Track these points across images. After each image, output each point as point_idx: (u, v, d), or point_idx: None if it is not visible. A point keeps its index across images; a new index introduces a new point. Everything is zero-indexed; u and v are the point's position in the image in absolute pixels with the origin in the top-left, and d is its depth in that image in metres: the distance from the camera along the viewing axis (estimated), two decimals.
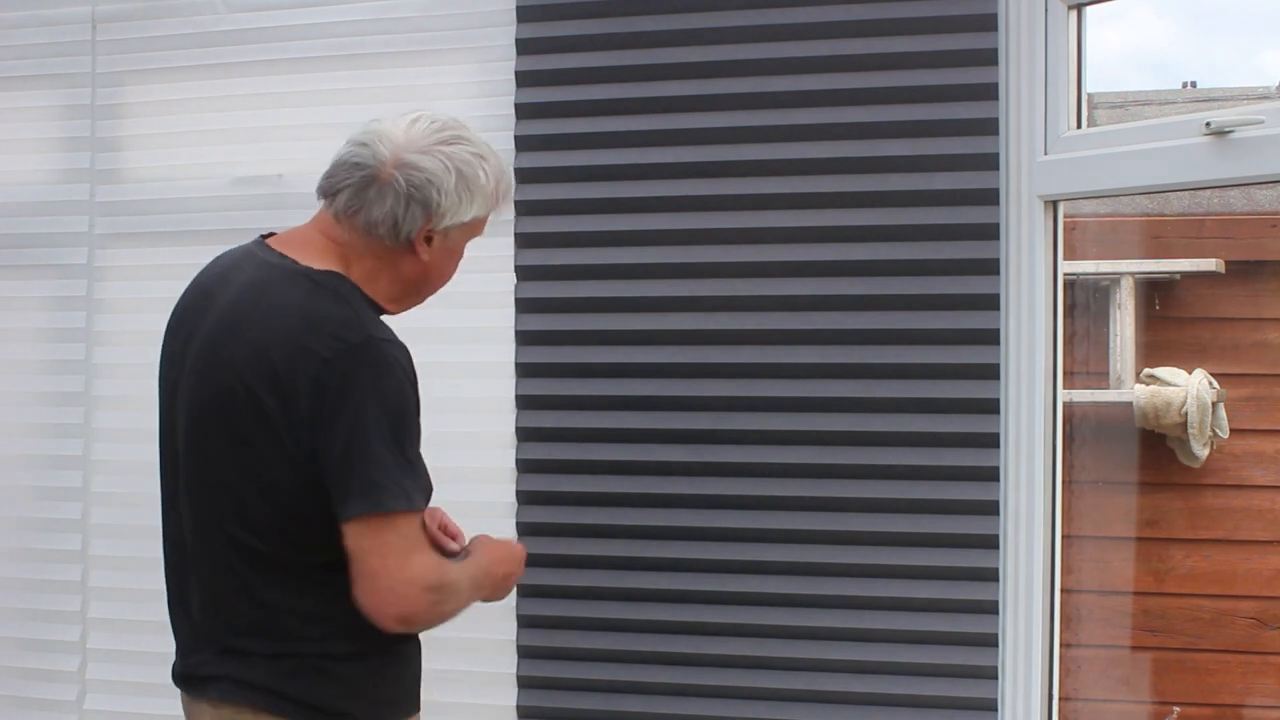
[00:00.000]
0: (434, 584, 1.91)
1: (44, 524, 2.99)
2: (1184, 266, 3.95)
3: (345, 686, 1.99)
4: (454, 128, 2.02)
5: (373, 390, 1.87)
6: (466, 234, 2.06)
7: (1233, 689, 3.85)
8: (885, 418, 2.56)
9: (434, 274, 2.07)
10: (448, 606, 1.96)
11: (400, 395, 1.90)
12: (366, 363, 1.88)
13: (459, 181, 1.98)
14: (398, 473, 1.87)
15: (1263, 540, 3.85)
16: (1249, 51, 5.25)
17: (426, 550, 1.93)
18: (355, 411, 1.86)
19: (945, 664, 2.52)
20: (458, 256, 2.09)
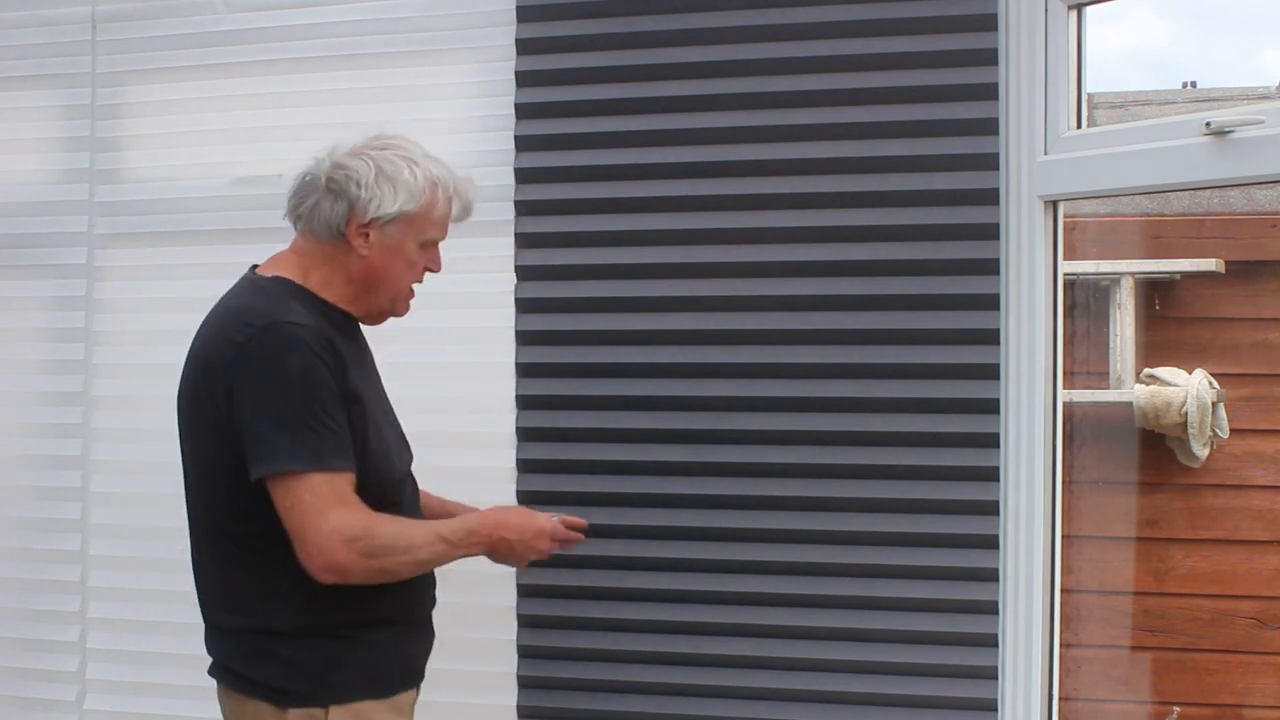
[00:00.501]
0: (355, 535, 2.04)
1: (43, 524, 2.99)
2: (1184, 266, 3.95)
3: (289, 667, 2.12)
4: (392, 138, 2.22)
5: (277, 365, 2.06)
6: (407, 232, 2.19)
7: (1233, 689, 3.85)
8: (885, 418, 2.56)
9: (380, 272, 2.20)
10: (388, 561, 2.09)
11: (304, 367, 2.06)
12: (270, 342, 2.07)
13: (378, 175, 2.16)
14: (304, 435, 2.04)
15: (1263, 540, 3.85)
16: (1249, 51, 5.25)
17: (348, 506, 2.06)
18: (260, 384, 2.06)
19: (945, 664, 2.52)
20: (404, 257, 2.20)
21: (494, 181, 2.73)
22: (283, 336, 2.08)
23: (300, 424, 2.04)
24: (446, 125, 2.80)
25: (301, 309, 2.13)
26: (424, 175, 2.18)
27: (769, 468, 2.60)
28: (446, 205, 2.23)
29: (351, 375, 2.13)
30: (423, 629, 2.28)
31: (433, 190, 2.20)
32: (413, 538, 2.13)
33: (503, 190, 2.73)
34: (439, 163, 2.23)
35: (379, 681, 2.17)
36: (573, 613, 2.68)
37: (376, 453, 2.15)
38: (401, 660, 2.21)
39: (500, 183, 2.73)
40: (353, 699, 2.13)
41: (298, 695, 2.12)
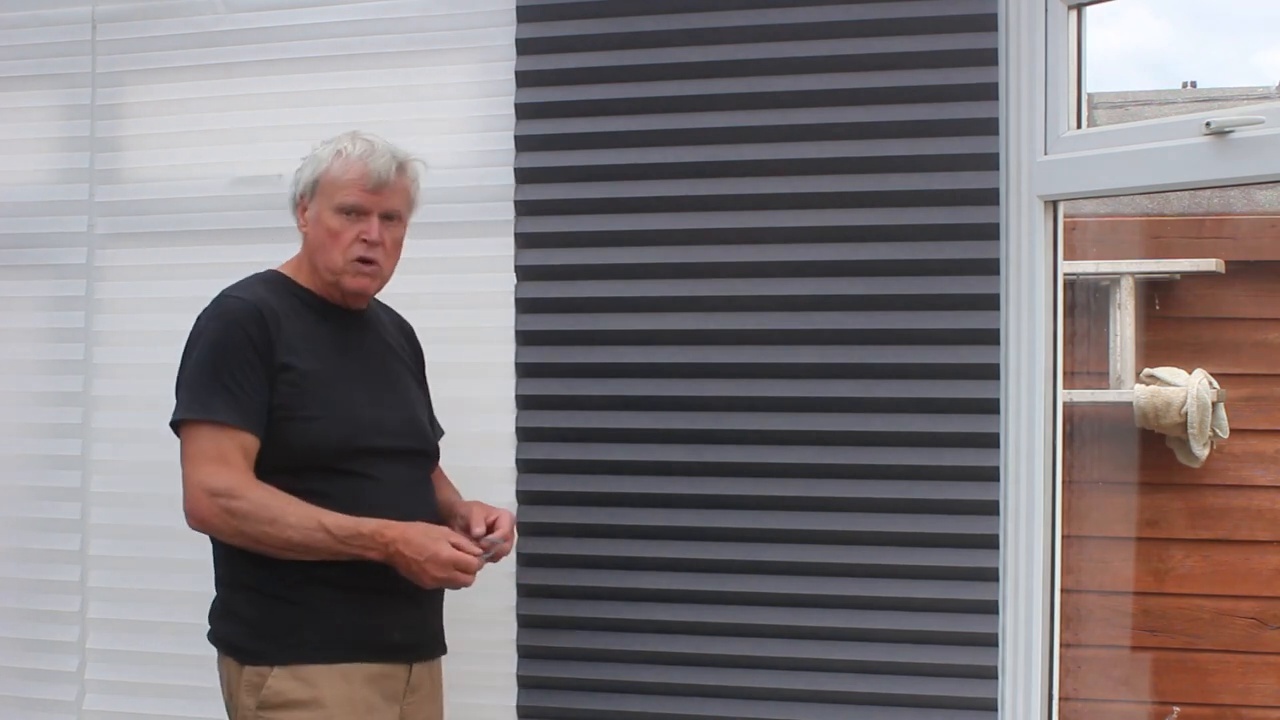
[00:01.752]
0: (217, 491, 2.19)
1: (43, 524, 2.98)
2: (1184, 266, 3.96)
3: (245, 625, 2.26)
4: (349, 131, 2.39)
5: (200, 331, 2.29)
6: (321, 202, 2.34)
7: (1233, 689, 3.85)
8: (885, 418, 2.56)
9: (313, 245, 2.37)
10: (250, 526, 2.19)
11: (225, 332, 2.25)
12: (210, 309, 2.31)
13: (305, 160, 2.39)
14: (202, 392, 2.23)
15: (1263, 540, 3.86)
16: (1248, 51, 5.26)
17: (225, 463, 2.20)
18: (189, 347, 2.30)
19: (946, 664, 2.51)
20: (324, 227, 2.34)
21: (494, 181, 2.73)
22: (215, 308, 2.30)
23: (202, 382, 2.24)
24: (446, 125, 2.80)
25: (261, 290, 2.32)
26: (330, 149, 2.35)
27: (769, 468, 2.60)
28: (344, 167, 2.33)
29: (290, 348, 2.27)
30: (388, 601, 2.28)
31: (333, 157, 2.34)
32: (282, 513, 2.20)
33: (503, 190, 2.73)
34: (366, 141, 2.35)
35: (326, 647, 2.24)
36: (573, 613, 2.68)
37: (320, 419, 2.27)
38: (355, 628, 2.26)
39: (500, 183, 2.73)
40: (296, 661, 2.23)
41: (250, 652, 2.25)
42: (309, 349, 2.29)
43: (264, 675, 2.22)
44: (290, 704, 2.21)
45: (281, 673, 2.22)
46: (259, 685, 2.22)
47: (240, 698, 2.24)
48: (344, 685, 2.24)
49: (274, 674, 2.22)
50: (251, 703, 2.22)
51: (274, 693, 2.21)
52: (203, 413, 2.22)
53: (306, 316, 2.33)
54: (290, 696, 2.21)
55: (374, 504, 2.25)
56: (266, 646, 2.24)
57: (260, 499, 2.19)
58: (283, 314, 2.29)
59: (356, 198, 2.32)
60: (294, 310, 2.31)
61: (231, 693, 2.28)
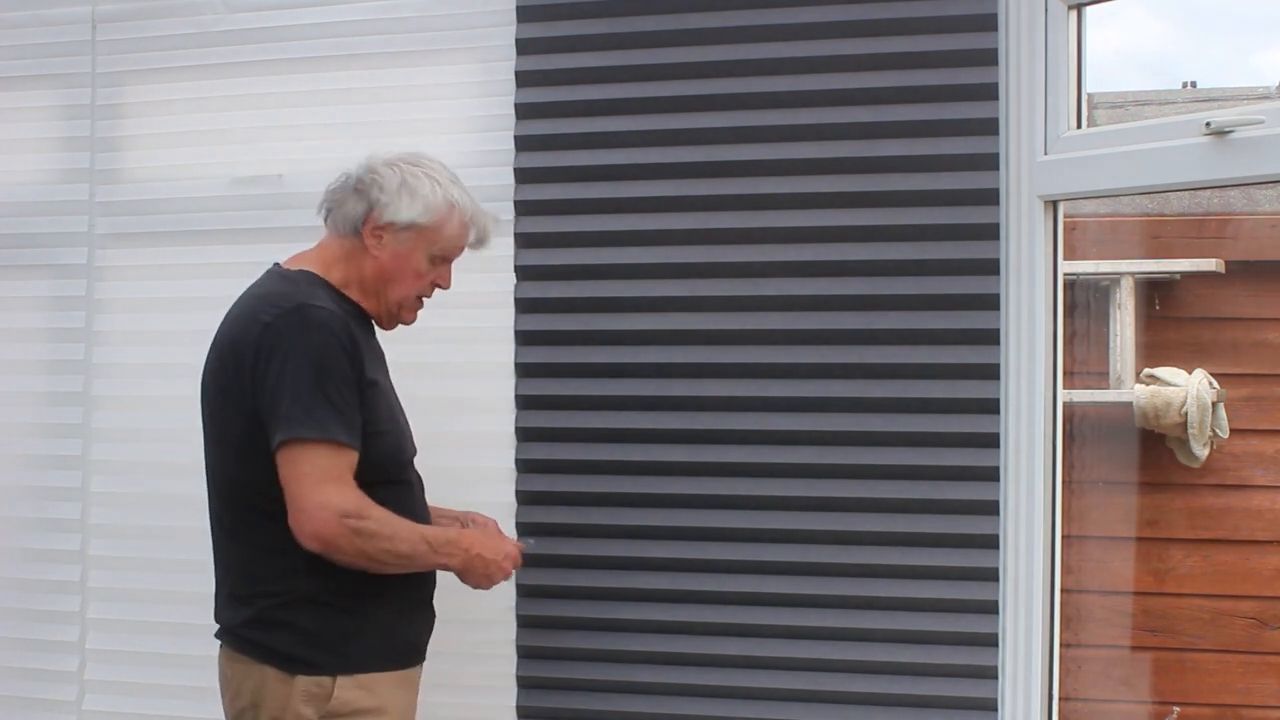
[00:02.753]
0: (347, 511, 2.15)
1: (43, 524, 2.99)
2: (1184, 266, 3.95)
3: (303, 635, 2.22)
4: (428, 159, 2.38)
5: (299, 342, 2.19)
6: (418, 242, 2.33)
7: (1233, 689, 3.85)
8: (885, 418, 2.56)
9: (388, 274, 2.34)
10: (372, 544, 2.18)
11: (324, 346, 2.19)
12: (295, 322, 2.21)
13: (401, 185, 2.32)
14: (316, 409, 2.17)
15: (1263, 540, 3.85)
16: (1248, 51, 5.26)
17: (345, 483, 2.18)
18: (283, 359, 2.18)
19: (945, 664, 2.51)
20: (412, 266, 2.34)
21: (494, 181, 2.73)
22: (306, 317, 2.21)
23: (313, 399, 2.17)
24: (446, 125, 2.80)
25: (325, 297, 2.28)
26: (444, 195, 2.33)
27: (769, 468, 2.60)
28: (460, 228, 2.36)
29: (368, 362, 2.26)
30: (426, 608, 2.39)
31: (449, 210, 2.34)
32: (398, 528, 2.23)
33: (503, 190, 2.73)
34: (463, 190, 2.37)
35: (386, 654, 2.27)
36: (572, 613, 2.68)
37: (389, 434, 2.28)
38: (407, 636, 2.33)
39: (500, 183, 2.73)
40: (361, 670, 2.24)
41: (307, 663, 2.22)
42: (370, 361, 2.29)
43: (325, 685, 2.21)
44: (357, 713, 2.22)
45: (346, 681, 2.22)
46: (320, 695, 2.21)
47: (296, 708, 2.20)
48: (400, 692, 2.29)
49: (339, 683, 2.21)
50: (312, 713, 2.20)
51: (341, 702, 2.21)
52: (322, 433, 2.16)
53: (359, 328, 2.32)
54: (357, 705, 2.22)
55: (412, 510, 2.32)
56: (327, 657, 2.22)
57: (383, 516, 2.20)
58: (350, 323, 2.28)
59: (455, 252, 2.39)
60: (352, 321, 2.30)
61: (264, 702, 2.23)
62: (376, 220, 2.31)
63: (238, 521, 2.28)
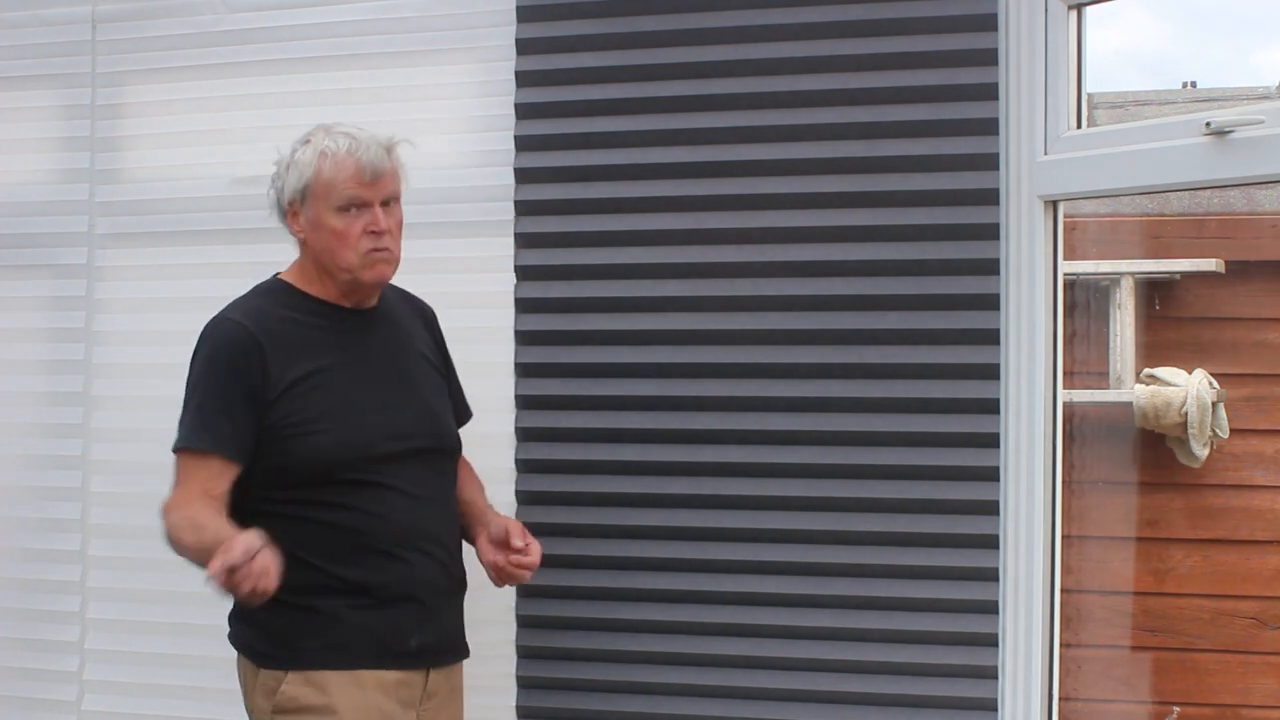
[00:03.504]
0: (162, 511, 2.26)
1: (43, 524, 2.99)
2: (1184, 266, 3.95)
3: (260, 629, 2.28)
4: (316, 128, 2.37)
5: (196, 354, 2.32)
6: (317, 205, 2.32)
7: (1233, 689, 3.85)
8: (885, 418, 2.56)
9: (317, 249, 2.34)
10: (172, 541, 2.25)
11: (208, 357, 2.29)
12: (204, 335, 2.33)
13: (287, 165, 2.36)
14: (187, 418, 2.29)
15: (1263, 540, 3.85)
16: (1248, 51, 5.26)
17: (183, 486, 2.27)
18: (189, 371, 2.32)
19: (945, 664, 2.51)
20: (327, 229, 2.31)
21: (494, 181, 2.73)
22: (210, 330, 2.32)
23: (188, 409, 2.30)
24: (446, 125, 2.80)
25: (262, 305, 2.34)
26: (313, 150, 2.32)
27: (769, 468, 2.60)
28: (335, 168, 2.30)
29: (290, 365, 2.27)
30: (401, 607, 2.29)
31: (320, 159, 2.31)
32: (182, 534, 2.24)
33: (503, 190, 2.73)
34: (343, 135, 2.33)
35: (339, 652, 2.25)
36: (572, 613, 2.68)
37: (326, 432, 2.27)
38: (370, 636, 2.26)
39: (500, 183, 2.73)
40: (310, 666, 2.24)
41: (266, 656, 2.28)
42: (312, 361, 2.29)
43: (278, 679, 2.24)
44: (303, 709, 2.22)
45: (295, 678, 2.23)
46: (274, 689, 2.24)
47: (256, 700, 2.27)
48: (357, 692, 2.24)
49: (288, 679, 2.23)
50: (267, 706, 2.24)
51: (287, 698, 2.23)
52: (183, 441, 2.29)
53: (310, 327, 2.32)
54: (303, 702, 2.22)
55: (394, 512, 2.28)
56: (280, 651, 2.26)
57: (170, 521, 2.25)
58: (281, 329, 2.29)
59: (355, 191, 2.30)
60: (295, 322, 2.31)
61: (247, 694, 2.30)
62: (284, 207, 2.35)
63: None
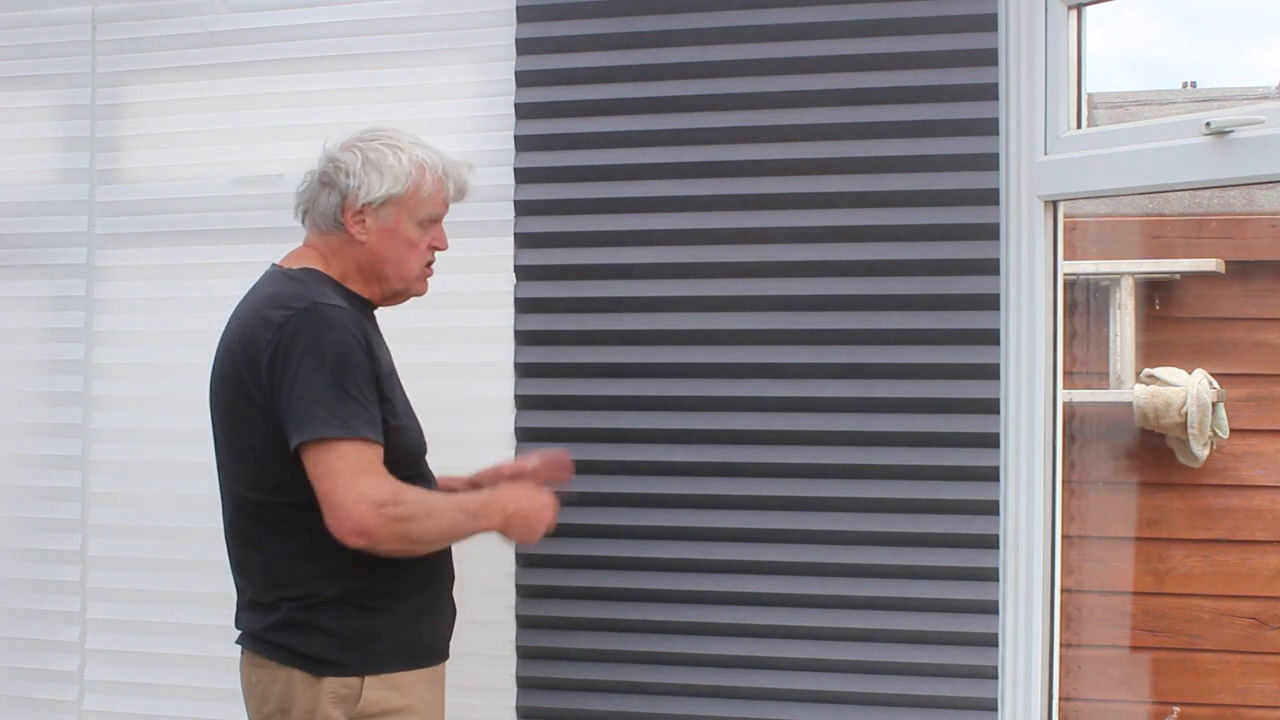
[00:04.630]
0: (384, 500, 2.13)
1: (43, 524, 2.99)
2: (1184, 266, 3.95)
3: (330, 637, 2.21)
4: (380, 129, 2.34)
5: (315, 342, 2.17)
6: (400, 213, 2.30)
7: (1233, 689, 3.85)
8: (885, 418, 2.56)
9: (380, 255, 2.31)
10: (414, 527, 2.18)
11: (341, 344, 2.17)
12: (310, 321, 2.18)
13: (364, 163, 2.28)
14: (337, 407, 2.14)
15: (1263, 540, 3.85)
16: (1248, 51, 5.25)
17: (376, 473, 2.15)
18: (300, 359, 2.16)
19: (945, 664, 2.52)
20: (402, 238, 2.31)
21: (494, 181, 2.73)
22: (320, 316, 2.19)
23: (334, 397, 2.15)
24: (446, 125, 2.80)
25: (334, 294, 2.27)
26: (409, 159, 2.30)
27: (769, 468, 2.60)
28: (436, 185, 2.33)
29: (380, 357, 2.26)
30: (447, 603, 2.38)
31: (419, 172, 2.30)
32: (434, 505, 2.23)
33: (503, 190, 2.73)
34: (427, 148, 2.34)
35: (413, 652, 2.27)
36: (572, 613, 2.68)
37: (404, 428, 2.27)
38: (433, 631, 2.32)
39: (500, 183, 2.73)
40: (388, 669, 2.23)
41: (334, 664, 2.20)
42: (382, 355, 2.29)
43: (353, 686, 2.20)
44: (386, 712, 2.22)
45: (374, 682, 2.21)
46: (349, 696, 2.20)
47: (324, 711, 2.20)
48: (427, 690, 2.28)
49: (367, 684, 2.21)
50: (340, 715, 2.20)
51: (370, 702, 2.21)
52: (347, 431, 2.14)
53: (368, 322, 2.32)
54: (386, 705, 2.22)
55: None
56: (354, 657, 2.21)
57: (415, 496, 2.20)
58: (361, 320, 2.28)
59: (440, 210, 2.34)
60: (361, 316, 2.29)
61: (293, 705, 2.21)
62: (353, 206, 2.29)
63: (255, 526, 2.26)
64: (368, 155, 2.29)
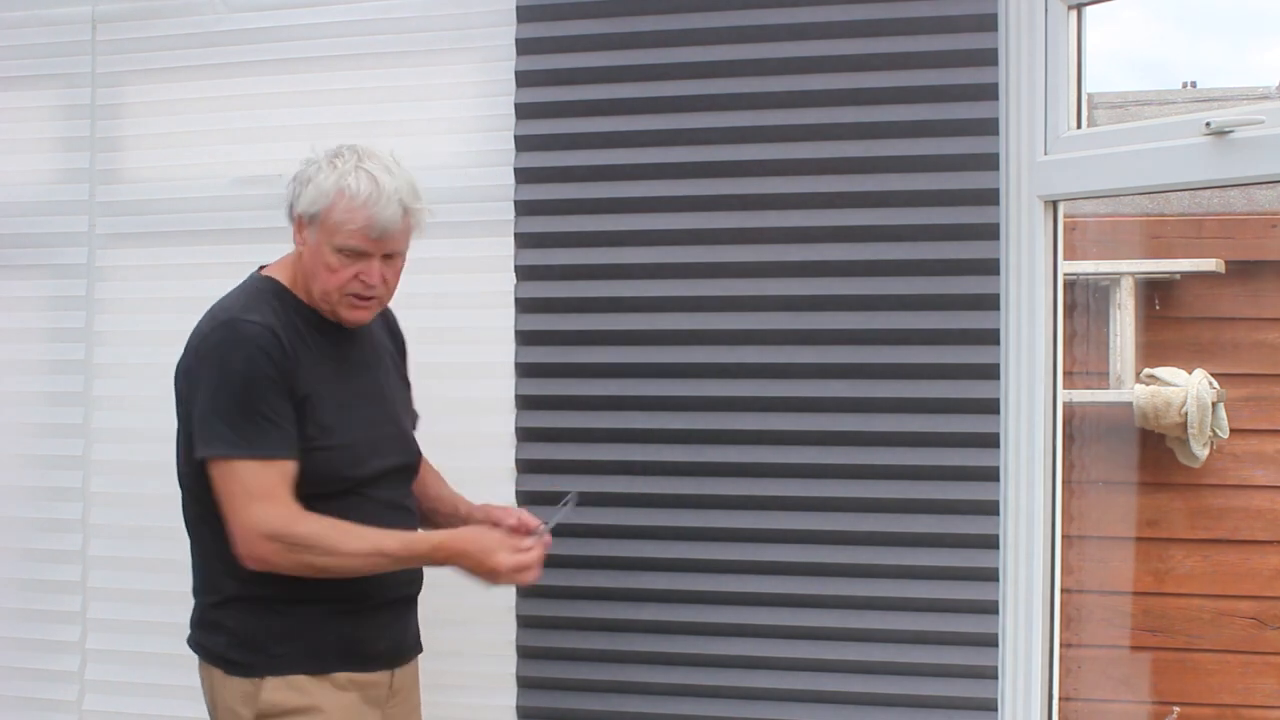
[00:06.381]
0: (274, 532, 2.14)
1: (43, 524, 2.99)
2: (1184, 266, 3.95)
3: (232, 636, 2.24)
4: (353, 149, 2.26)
5: (225, 359, 2.19)
6: (320, 234, 2.23)
7: (1233, 689, 3.85)
8: (885, 418, 2.56)
9: (308, 269, 2.27)
10: (314, 559, 2.17)
11: (247, 362, 2.17)
12: (224, 337, 2.20)
13: (305, 175, 2.26)
14: (242, 424, 2.16)
15: (1263, 540, 3.85)
16: (1248, 51, 5.25)
17: (271, 499, 2.15)
18: (209, 374, 2.19)
19: (945, 664, 2.52)
20: (322, 260, 2.23)
21: (494, 181, 2.73)
22: (233, 333, 2.20)
23: (240, 414, 2.16)
24: (446, 125, 2.80)
25: (269, 308, 2.24)
26: (334, 181, 2.21)
27: (769, 468, 2.60)
28: (346, 215, 2.20)
29: (306, 374, 2.22)
30: (375, 613, 2.31)
31: (336, 197, 2.21)
32: (338, 542, 2.18)
33: (503, 190, 2.73)
34: (367, 174, 2.21)
35: (314, 657, 2.24)
36: (572, 613, 2.68)
37: (329, 449, 2.23)
38: (342, 640, 2.26)
39: (500, 183, 2.73)
40: (287, 671, 2.22)
41: (238, 664, 2.24)
42: (314, 373, 2.24)
43: (256, 686, 2.22)
44: (288, 712, 2.22)
45: (274, 682, 2.22)
46: (254, 695, 2.22)
47: (234, 709, 2.24)
48: (336, 693, 2.25)
49: (267, 684, 2.22)
50: (249, 713, 2.22)
51: (269, 703, 2.22)
52: (248, 450, 2.15)
53: (308, 336, 2.27)
54: (287, 705, 2.22)
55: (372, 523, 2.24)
56: (256, 658, 2.23)
57: (312, 530, 2.16)
58: (291, 337, 2.23)
59: (358, 243, 2.22)
60: (296, 329, 2.25)
61: (216, 702, 2.27)
62: (293, 215, 2.28)
63: (187, 522, 2.32)
64: (318, 167, 2.25)
